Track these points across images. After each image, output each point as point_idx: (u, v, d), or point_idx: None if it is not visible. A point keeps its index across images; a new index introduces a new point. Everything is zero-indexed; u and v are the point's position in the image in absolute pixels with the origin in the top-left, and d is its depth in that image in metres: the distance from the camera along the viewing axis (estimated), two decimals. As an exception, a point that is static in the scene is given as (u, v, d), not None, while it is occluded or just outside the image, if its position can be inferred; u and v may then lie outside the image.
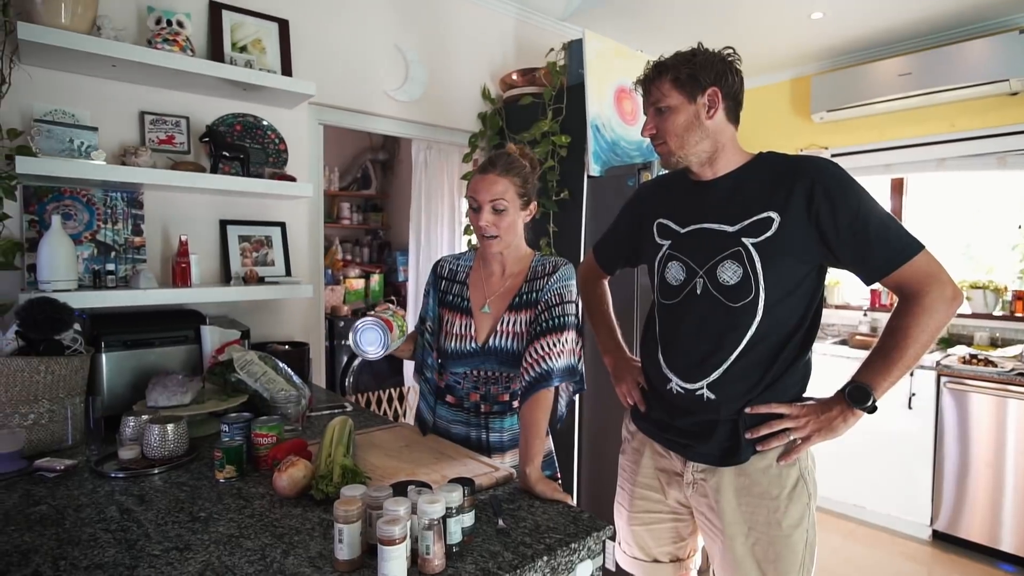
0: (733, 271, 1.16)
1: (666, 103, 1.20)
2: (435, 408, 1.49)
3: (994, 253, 3.30)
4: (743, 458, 1.18)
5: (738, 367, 1.17)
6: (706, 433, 1.21)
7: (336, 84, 2.35)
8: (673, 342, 1.26)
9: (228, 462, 1.23)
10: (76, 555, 0.93)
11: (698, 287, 1.20)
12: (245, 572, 0.88)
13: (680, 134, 1.20)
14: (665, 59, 1.23)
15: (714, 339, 1.18)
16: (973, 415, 2.74)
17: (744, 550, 1.18)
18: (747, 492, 1.19)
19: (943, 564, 2.70)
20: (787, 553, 1.16)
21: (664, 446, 1.30)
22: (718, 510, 1.21)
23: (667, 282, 1.27)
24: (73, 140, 1.69)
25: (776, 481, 1.17)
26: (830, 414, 1.15)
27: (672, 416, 1.27)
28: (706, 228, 1.21)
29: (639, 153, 2.53)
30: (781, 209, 1.14)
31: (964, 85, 3.04)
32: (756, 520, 1.18)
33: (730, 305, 1.17)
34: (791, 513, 1.17)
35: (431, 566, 0.88)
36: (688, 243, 1.24)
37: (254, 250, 2.13)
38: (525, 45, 3.00)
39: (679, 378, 1.23)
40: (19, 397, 1.35)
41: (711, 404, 1.19)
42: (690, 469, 1.25)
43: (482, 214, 1.35)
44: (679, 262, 1.25)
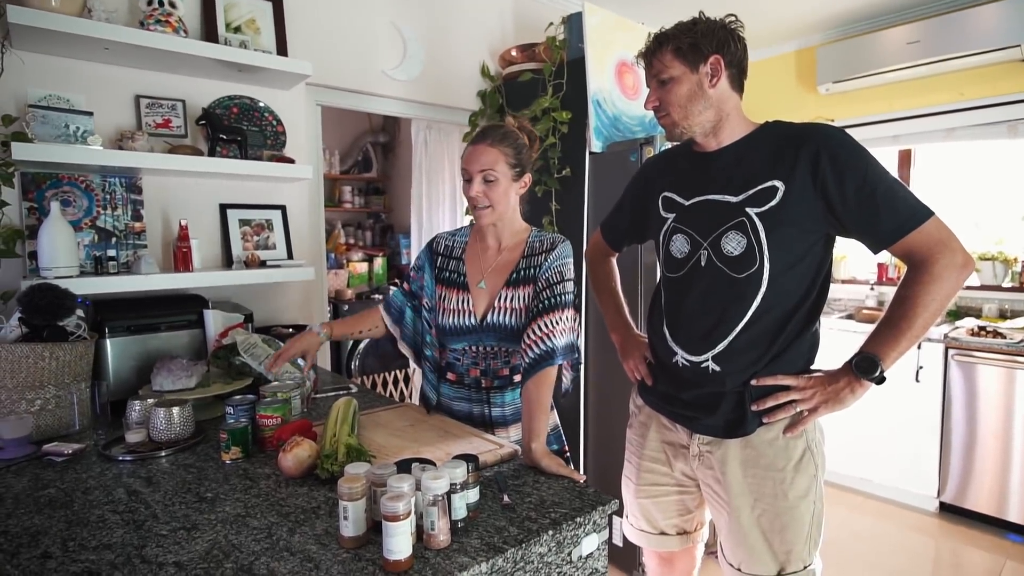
0: (737, 242, 1.15)
1: (668, 74, 1.18)
2: (438, 387, 1.49)
3: (1004, 224, 3.26)
4: (748, 430, 1.18)
5: (743, 339, 1.16)
6: (711, 405, 1.20)
7: (333, 64, 2.32)
8: (678, 315, 1.25)
9: (234, 443, 1.24)
10: (85, 536, 0.94)
11: (702, 259, 1.19)
12: (252, 550, 0.89)
13: (683, 104, 1.18)
14: (666, 30, 1.21)
15: (718, 311, 1.17)
16: (981, 387, 2.72)
17: (750, 521, 1.18)
18: (753, 464, 1.18)
19: (950, 535, 2.71)
20: (793, 524, 1.16)
21: (670, 419, 1.30)
22: (724, 482, 1.21)
23: (672, 255, 1.26)
24: (69, 125, 1.67)
25: (782, 453, 1.17)
26: (837, 385, 1.13)
27: (678, 389, 1.26)
28: (710, 200, 1.20)
29: (641, 128, 2.49)
30: (786, 178, 1.11)
31: (973, 52, 2.97)
32: (762, 492, 1.18)
33: (734, 276, 1.15)
34: (797, 484, 1.16)
35: (436, 542, 0.88)
36: (692, 215, 1.23)
37: (255, 234, 2.13)
38: (524, 20, 2.95)
39: (684, 351, 1.23)
40: (25, 383, 1.36)
41: (716, 376, 1.18)
42: (696, 441, 1.25)
43: (473, 184, 1.35)
44: (683, 234, 1.23)
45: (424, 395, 1.53)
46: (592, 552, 1.03)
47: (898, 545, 2.63)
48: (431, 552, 0.87)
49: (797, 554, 1.17)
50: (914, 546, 2.64)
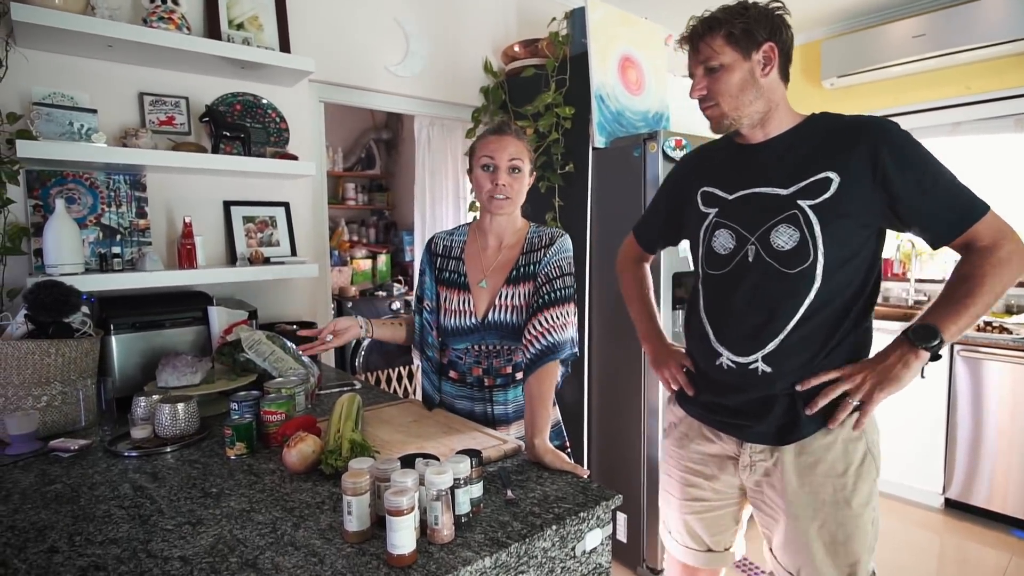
0: (789, 235, 1.09)
1: (718, 61, 1.11)
2: (440, 386, 1.49)
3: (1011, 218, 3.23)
4: (804, 434, 1.12)
5: (795, 337, 1.10)
6: (762, 410, 1.14)
7: (336, 61, 2.32)
8: (723, 314, 1.19)
9: (238, 439, 1.24)
10: (91, 531, 0.94)
11: (750, 254, 1.14)
12: (256, 545, 0.89)
13: (735, 94, 1.12)
14: (715, 13, 1.13)
15: (769, 308, 1.12)
16: (987, 383, 2.71)
17: (811, 532, 1.12)
18: (810, 470, 1.12)
19: (955, 532, 2.70)
20: (858, 534, 1.11)
21: (716, 428, 1.24)
22: (780, 490, 1.15)
23: (714, 251, 1.20)
24: (73, 123, 1.68)
25: (842, 457, 1.11)
26: (887, 363, 1.07)
27: (723, 394, 1.20)
28: (757, 192, 1.14)
29: (644, 123, 2.49)
30: (841, 169, 1.07)
31: (980, 45, 2.96)
32: (822, 499, 1.12)
33: (786, 271, 1.10)
34: (860, 490, 1.11)
35: (440, 536, 0.88)
36: (737, 209, 1.17)
37: (259, 230, 2.13)
38: (527, 16, 2.94)
39: (730, 352, 1.17)
40: (32, 380, 1.36)
41: (766, 378, 1.13)
42: (746, 451, 1.19)
43: (500, 174, 1.33)
44: (727, 229, 1.18)
45: (426, 394, 1.53)
46: (596, 547, 1.03)
47: (904, 541, 2.63)
48: (435, 547, 0.88)
49: (863, 566, 1.12)
50: (919, 542, 2.63)
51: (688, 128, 2.65)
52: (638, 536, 2.28)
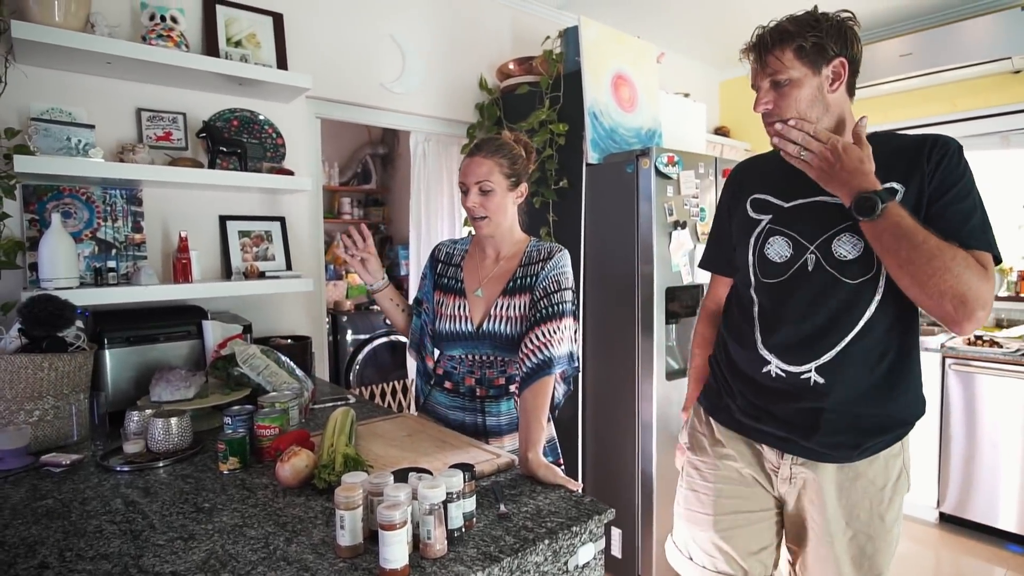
0: (852, 245, 1.07)
1: (787, 75, 1.07)
2: (429, 392, 1.53)
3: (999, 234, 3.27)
4: (855, 458, 1.11)
5: (854, 350, 1.08)
6: (810, 423, 1.11)
7: (332, 77, 2.35)
8: (776, 321, 1.16)
9: (231, 454, 1.24)
10: (82, 546, 0.94)
11: (809, 263, 1.11)
12: (248, 560, 0.89)
13: (803, 110, 1.08)
14: (785, 23, 1.09)
15: (828, 318, 1.09)
16: (979, 396, 2.73)
17: (842, 547, 1.12)
18: (850, 485, 1.12)
19: (950, 546, 2.70)
20: (885, 548, 1.12)
21: (755, 439, 1.21)
22: (819, 505, 1.13)
23: (768, 259, 1.18)
24: (71, 138, 1.69)
25: (882, 472, 1.11)
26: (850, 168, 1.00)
27: (768, 403, 1.16)
28: (818, 201, 1.12)
29: (637, 140, 2.52)
30: (906, 181, 1.05)
31: (966, 64, 3.01)
32: (857, 514, 1.11)
33: (847, 282, 1.08)
34: (894, 506, 1.12)
35: (432, 551, 0.88)
36: (794, 217, 1.15)
37: (254, 245, 2.14)
38: (522, 34, 2.99)
39: (780, 359, 1.14)
40: (24, 394, 1.36)
41: (818, 389, 1.10)
42: (787, 463, 1.16)
43: (469, 196, 1.37)
44: (784, 237, 1.16)
45: (418, 393, 1.58)
46: (588, 562, 1.03)
47: (898, 556, 2.61)
48: (427, 561, 0.88)
49: None
50: (914, 556, 2.63)
51: (681, 144, 2.69)
52: (633, 551, 2.27)
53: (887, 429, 1.11)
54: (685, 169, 2.28)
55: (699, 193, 2.35)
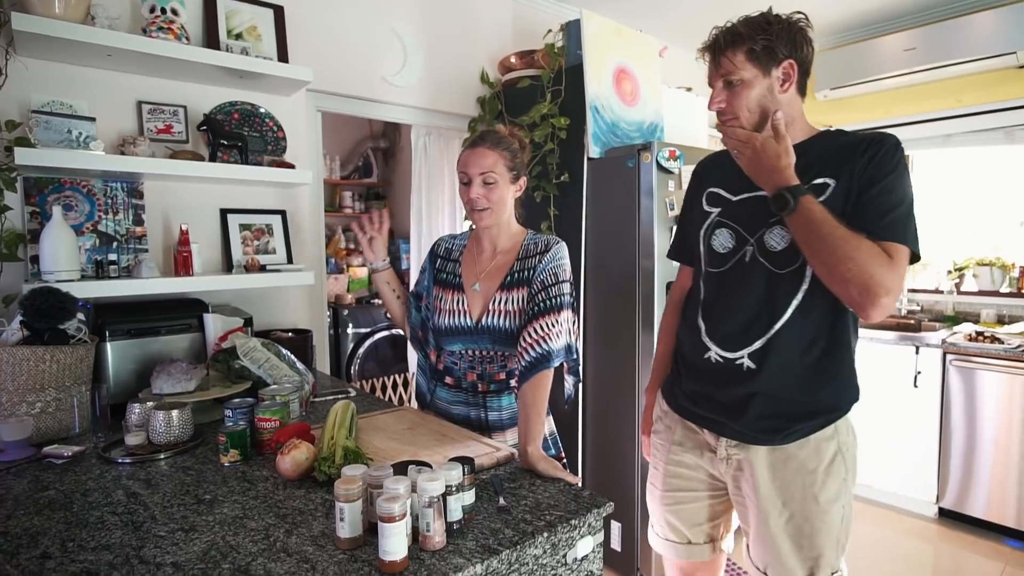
0: (781, 237, 1.13)
1: (739, 76, 1.13)
2: (434, 390, 1.52)
3: (1002, 230, 3.27)
4: (778, 442, 1.15)
5: (783, 337, 1.13)
6: (741, 408, 1.17)
7: (333, 70, 2.34)
8: (716, 310, 1.23)
9: (232, 446, 1.24)
10: (84, 537, 0.94)
11: (747, 254, 1.18)
12: (249, 551, 0.89)
13: (753, 109, 1.14)
14: (737, 26, 1.15)
15: (758, 307, 1.15)
16: (980, 392, 2.73)
17: (779, 526, 1.16)
18: (782, 467, 1.16)
19: (949, 541, 2.71)
20: (824, 529, 1.14)
21: (695, 423, 1.27)
22: (752, 484, 1.18)
23: (714, 250, 1.24)
24: (71, 131, 1.69)
25: (813, 455, 1.15)
26: (768, 162, 1.05)
27: (708, 388, 1.23)
28: (759, 196, 1.17)
29: (639, 134, 2.51)
30: (836, 175, 1.10)
31: (970, 59, 3.00)
32: (791, 495, 1.15)
33: (776, 272, 1.14)
34: (828, 487, 1.14)
35: (431, 543, 0.89)
36: (739, 210, 1.21)
37: (255, 238, 2.14)
38: (523, 27, 2.98)
39: (719, 347, 1.20)
40: (26, 386, 1.37)
41: (750, 374, 1.15)
42: (723, 444, 1.22)
43: (472, 187, 1.36)
44: (728, 229, 1.22)
45: (419, 389, 1.57)
46: (587, 554, 1.03)
47: (897, 551, 2.63)
48: (426, 553, 0.88)
49: (826, 560, 1.15)
50: (913, 552, 2.64)
51: (682, 139, 2.68)
52: (632, 544, 2.28)
53: (815, 415, 1.15)
54: (687, 164, 2.28)
55: (701, 188, 2.34)
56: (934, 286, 3.41)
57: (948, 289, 3.33)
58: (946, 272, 3.36)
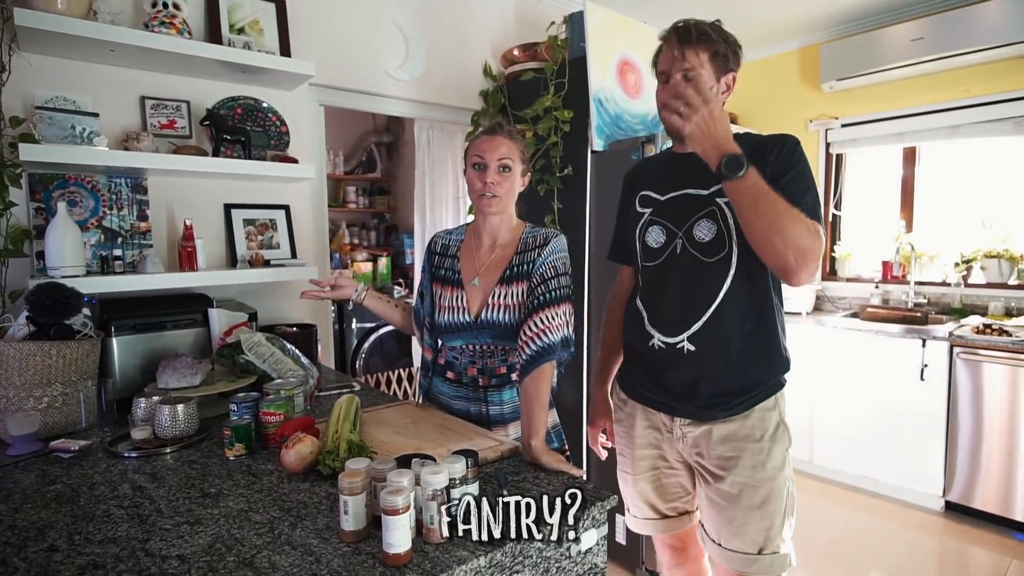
0: (708, 228, 1.23)
1: (699, 72, 1.22)
2: (432, 381, 1.54)
3: (1010, 221, 3.24)
4: (728, 414, 1.24)
5: (716, 318, 1.22)
6: (690, 392, 1.26)
7: (336, 64, 2.33)
8: (655, 300, 1.32)
9: (237, 440, 1.25)
10: (90, 530, 0.95)
11: (678, 247, 1.27)
12: (253, 544, 0.90)
13: None
14: (704, 26, 1.23)
15: (693, 294, 1.24)
16: (987, 385, 2.71)
17: (731, 494, 1.23)
18: (732, 437, 1.24)
19: (956, 535, 2.70)
20: (773, 497, 1.22)
21: (650, 407, 1.35)
22: (707, 456, 1.26)
23: (648, 245, 1.33)
24: (75, 126, 1.69)
25: (759, 424, 1.24)
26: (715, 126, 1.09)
27: (655, 373, 1.31)
28: (685, 193, 1.28)
29: (643, 126, 2.50)
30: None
31: (979, 48, 2.96)
32: (743, 463, 1.23)
33: (706, 261, 1.23)
34: (775, 455, 1.23)
35: (435, 536, 0.89)
36: (668, 208, 1.31)
37: (259, 233, 2.14)
38: (526, 19, 2.96)
39: (661, 333, 1.29)
40: (33, 381, 1.37)
41: (692, 356, 1.24)
42: (677, 424, 1.30)
43: (488, 172, 1.36)
44: (659, 226, 1.31)
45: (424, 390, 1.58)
46: (591, 547, 1.03)
47: (903, 544, 2.63)
48: (430, 546, 0.88)
49: (776, 531, 1.22)
50: (920, 545, 2.63)
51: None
52: (637, 538, 2.28)
53: (755, 386, 1.24)
54: (691, 156, 2.26)
55: (705, 180, 2.33)
56: (941, 278, 3.38)
57: (955, 281, 3.30)
58: (953, 264, 3.33)
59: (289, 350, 1.72)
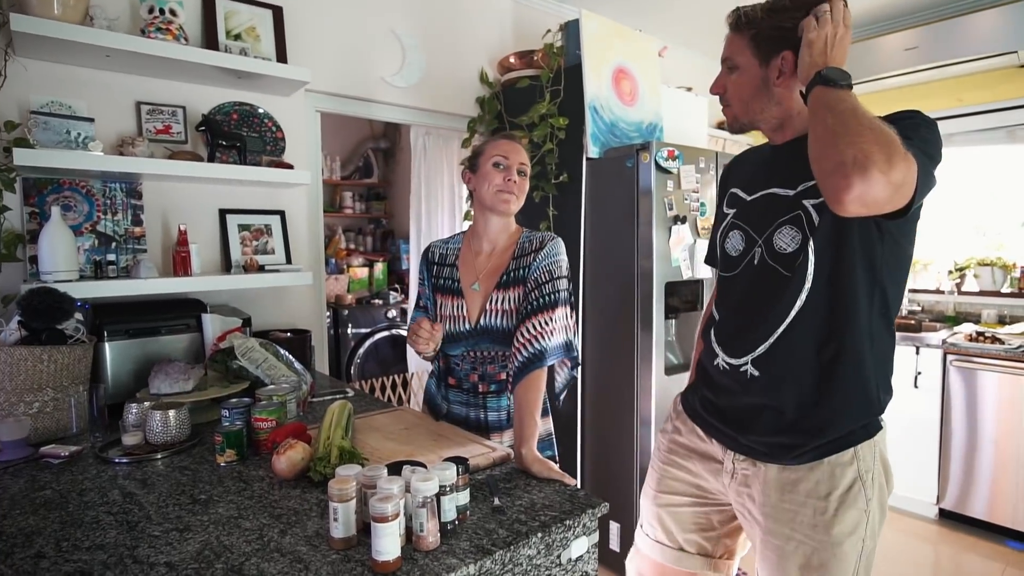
0: (791, 237, 1.05)
1: (736, 61, 1.11)
2: (447, 395, 1.49)
3: (1003, 230, 3.26)
4: (792, 460, 1.07)
5: (785, 341, 1.05)
6: (748, 419, 1.11)
7: (332, 70, 2.34)
8: (725, 315, 1.19)
9: (229, 446, 1.24)
10: (78, 536, 0.95)
11: (755, 257, 1.12)
12: (242, 551, 0.89)
13: (746, 99, 1.12)
14: (754, 9, 1.10)
15: (761, 311, 1.08)
16: (981, 393, 2.72)
17: (785, 552, 1.07)
18: (792, 488, 1.07)
19: (950, 542, 2.70)
20: (835, 564, 1.03)
21: (706, 431, 1.22)
22: (759, 503, 1.10)
23: (727, 253, 1.19)
24: (70, 131, 1.69)
25: (827, 480, 1.04)
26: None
27: (715, 395, 1.18)
28: (770, 193, 1.12)
29: (638, 134, 2.51)
30: None
31: (972, 58, 2.99)
32: (800, 521, 1.06)
33: (784, 273, 1.06)
34: (844, 519, 1.03)
35: (425, 543, 0.89)
36: (752, 210, 1.16)
37: (254, 239, 2.14)
38: (522, 27, 2.97)
39: (725, 353, 1.15)
40: (24, 386, 1.37)
41: (755, 382, 1.09)
42: (729, 458, 1.16)
43: (511, 171, 1.40)
44: (739, 231, 1.16)
45: (433, 404, 1.54)
46: (582, 555, 1.03)
47: (898, 552, 2.62)
48: (420, 553, 0.88)
49: None
50: (914, 553, 2.63)
51: (682, 139, 2.68)
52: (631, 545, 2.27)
53: (826, 430, 1.05)
54: (686, 164, 2.27)
55: (699, 188, 2.34)
56: (935, 286, 3.40)
57: (949, 289, 3.32)
58: (947, 272, 3.35)
59: (283, 356, 1.71)
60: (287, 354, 1.73)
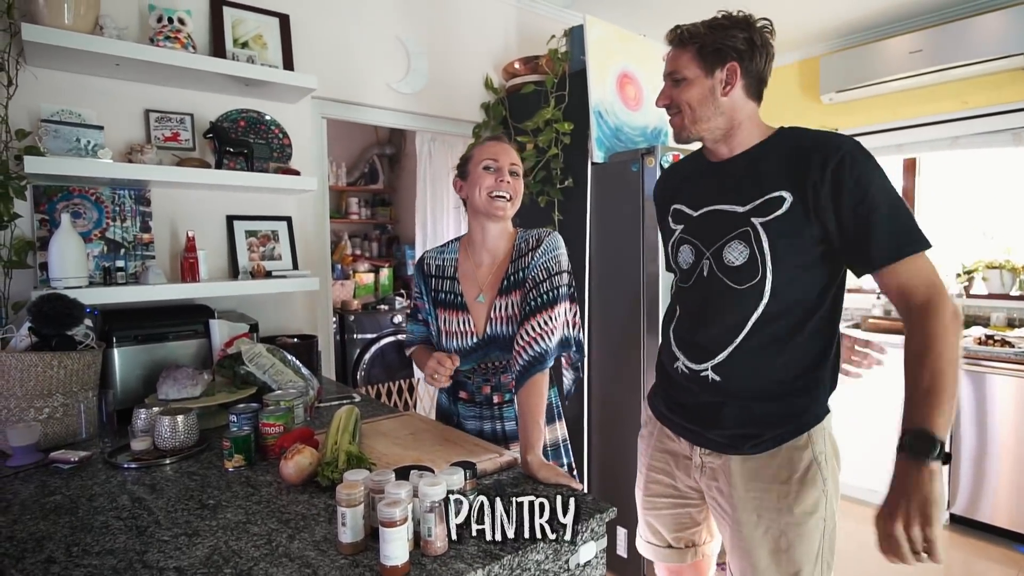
0: (739, 252, 1.12)
1: (682, 74, 1.16)
2: (458, 410, 1.48)
3: (1012, 233, 3.24)
4: (753, 450, 1.15)
5: (743, 350, 1.13)
6: (712, 417, 1.18)
7: (338, 77, 2.36)
8: (682, 322, 1.26)
9: (237, 451, 1.25)
10: (88, 541, 0.95)
11: (704, 269, 1.18)
12: (251, 556, 0.90)
13: (693, 107, 1.15)
14: (695, 26, 1.16)
15: (718, 322, 1.16)
16: (990, 397, 2.70)
17: (755, 537, 1.15)
18: (755, 476, 1.15)
19: (960, 547, 2.67)
20: (800, 542, 1.12)
21: (672, 430, 1.29)
22: (727, 494, 1.18)
23: (680, 265, 1.26)
24: (80, 139, 1.71)
25: (786, 464, 1.13)
26: (912, 496, 0.95)
27: (678, 396, 1.25)
28: (717, 210, 1.17)
29: (643, 138, 2.51)
30: (795, 188, 1.07)
31: (977, 60, 2.97)
32: (766, 506, 1.14)
33: (735, 287, 1.13)
34: (804, 499, 1.12)
35: (433, 548, 0.89)
36: (700, 225, 1.21)
37: (261, 244, 2.15)
38: (527, 33, 2.99)
39: (685, 358, 1.22)
40: (34, 391, 1.38)
41: (716, 386, 1.17)
42: (697, 452, 1.23)
43: (503, 173, 1.36)
44: (689, 245, 1.23)
45: (448, 418, 1.51)
46: (590, 560, 1.03)
47: (907, 557, 2.60)
48: (428, 558, 0.88)
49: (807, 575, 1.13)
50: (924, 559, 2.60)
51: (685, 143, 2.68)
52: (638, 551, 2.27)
53: (784, 422, 1.13)
54: (691, 168, 2.27)
55: (705, 192, 2.34)
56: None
57: (957, 292, 3.30)
58: (955, 275, 3.33)
59: (290, 361, 1.72)
60: (294, 359, 1.74)
